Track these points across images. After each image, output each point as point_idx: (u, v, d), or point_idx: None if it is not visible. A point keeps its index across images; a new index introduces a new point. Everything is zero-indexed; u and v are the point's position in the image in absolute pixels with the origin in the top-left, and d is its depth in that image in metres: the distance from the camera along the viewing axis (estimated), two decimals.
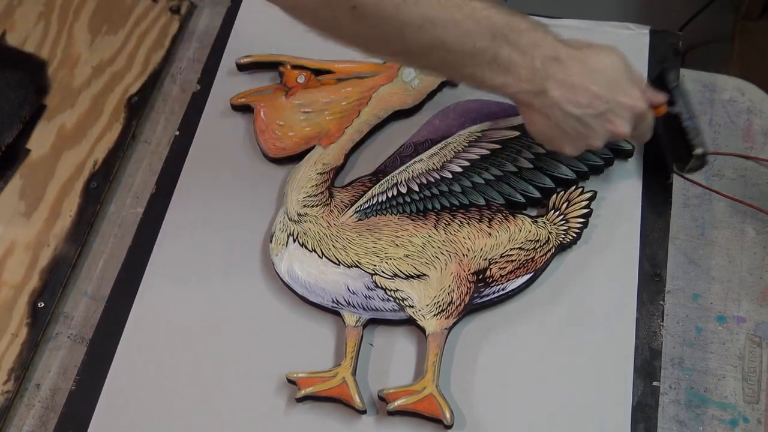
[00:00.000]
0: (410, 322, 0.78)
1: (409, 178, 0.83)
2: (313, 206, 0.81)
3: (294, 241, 0.80)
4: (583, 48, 0.72)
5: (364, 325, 0.78)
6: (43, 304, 0.85)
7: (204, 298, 0.82)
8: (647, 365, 0.75)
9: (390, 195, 0.82)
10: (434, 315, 0.77)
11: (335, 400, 0.75)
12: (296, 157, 0.86)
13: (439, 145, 0.84)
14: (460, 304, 0.77)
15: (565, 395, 0.74)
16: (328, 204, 0.82)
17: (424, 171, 0.83)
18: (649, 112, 0.76)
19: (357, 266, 0.79)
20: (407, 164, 0.83)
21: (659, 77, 0.83)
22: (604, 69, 0.72)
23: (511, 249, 0.79)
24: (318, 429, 0.75)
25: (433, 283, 0.78)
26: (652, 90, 0.78)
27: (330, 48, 0.91)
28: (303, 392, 0.75)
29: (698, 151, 0.79)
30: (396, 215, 0.81)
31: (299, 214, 0.81)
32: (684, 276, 0.83)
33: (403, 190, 0.82)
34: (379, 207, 0.81)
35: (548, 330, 0.77)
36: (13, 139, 0.95)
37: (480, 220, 0.80)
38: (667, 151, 0.83)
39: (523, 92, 0.71)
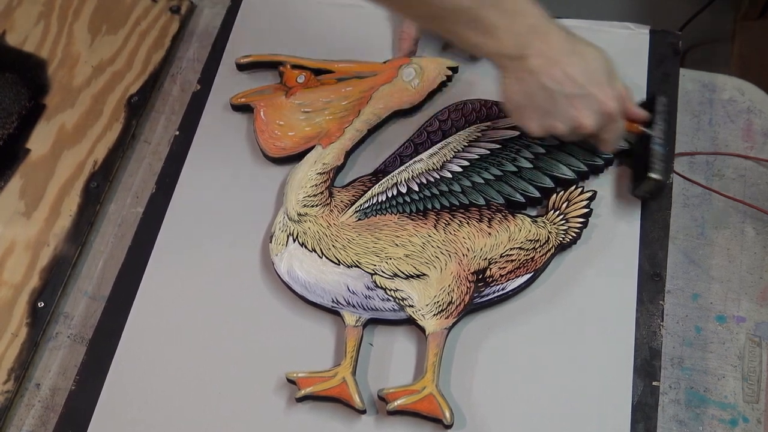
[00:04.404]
0: (410, 321, 0.78)
1: (409, 178, 0.83)
2: (313, 206, 0.81)
3: (294, 240, 0.80)
4: (575, 34, 0.72)
5: (364, 325, 0.78)
6: (43, 304, 0.86)
7: (204, 298, 0.82)
8: (647, 365, 0.75)
9: (390, 195, 0.82)
10: (434, 315, 0.77)
11: (335, 400, 0.75)
12: (296, 157, 0.86)
13: (439, 145, 0.84)
14: (459, 303, 0.77)
15: (564, 395, 0.74)
16: (328, 204, 0.82)
17: (423, 171, 0.83)
18: (621, 120, 0.76)
19: (357, 266, 0.79)
20: (407, 164, 0.83)
21: (651, 99, 0.83)
22: (585, 57, 0.72)
23: (510, 249, 0.79)
24: (318, 429, 0.75)
25: (433, 282, 0.78)
26: (635, 105, 0.78)
27: (330, 48, 0.92)
28: (303, 392, 0.75)
29: (653, 175, 0.78)
30: (396, 215, 0.81)
31: (299, 214, 0.81)
32: (684, 276, 0.83)
33: (403, 189, 0.82)
34: (379, 207, 0.81)
35: (548, 330, 0.77)
36: (11, 139, 0.95)
37: (480, 220, 0.80)
38: (633, 170, 0.83)
39: (502, 55, 0.71)
